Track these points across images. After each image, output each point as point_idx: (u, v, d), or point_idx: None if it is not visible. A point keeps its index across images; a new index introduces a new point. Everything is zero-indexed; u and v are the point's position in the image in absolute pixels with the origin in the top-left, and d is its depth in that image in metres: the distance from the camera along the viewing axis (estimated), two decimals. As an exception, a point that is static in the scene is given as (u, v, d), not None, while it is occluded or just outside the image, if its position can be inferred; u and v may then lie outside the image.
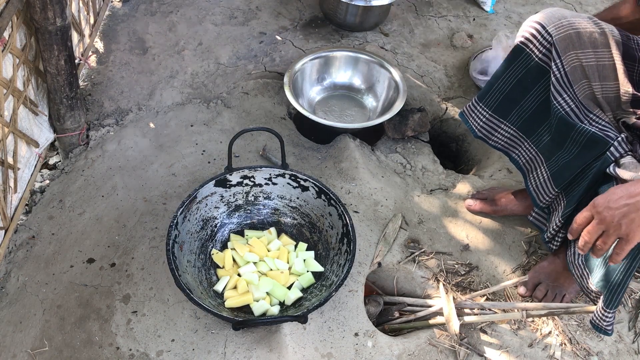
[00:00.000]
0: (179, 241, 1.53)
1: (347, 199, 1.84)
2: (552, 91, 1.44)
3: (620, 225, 1.11)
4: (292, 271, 1.60)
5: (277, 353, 1.45)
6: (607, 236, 1.13)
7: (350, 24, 2.48)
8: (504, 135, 1.66)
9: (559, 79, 1.42)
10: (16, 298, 1.58)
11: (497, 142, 1.69)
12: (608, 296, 1.35)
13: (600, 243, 1.15)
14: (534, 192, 1.63)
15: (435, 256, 1.75)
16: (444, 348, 1.54)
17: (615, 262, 1.16)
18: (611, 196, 1.13)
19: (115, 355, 1.45)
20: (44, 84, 1.82)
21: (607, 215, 1.12)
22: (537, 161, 1.61)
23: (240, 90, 2.22)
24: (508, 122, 1.63)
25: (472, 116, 1.68)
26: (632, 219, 1.09)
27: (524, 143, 1.64)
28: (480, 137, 1.70)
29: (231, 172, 1.65)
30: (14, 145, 1.65)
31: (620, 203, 1.11)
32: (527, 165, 1.66)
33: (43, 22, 1.62)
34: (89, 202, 1.80)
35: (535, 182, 1.62)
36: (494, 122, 1.65)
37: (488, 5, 2.74)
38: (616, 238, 1.13)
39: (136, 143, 1.99)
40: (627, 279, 1.32)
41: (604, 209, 1.12)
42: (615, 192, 1.13)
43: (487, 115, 1.65)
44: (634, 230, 1.10)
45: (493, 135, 1.68)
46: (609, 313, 1.37)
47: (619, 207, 1.11)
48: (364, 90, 2.28)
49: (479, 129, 1.68)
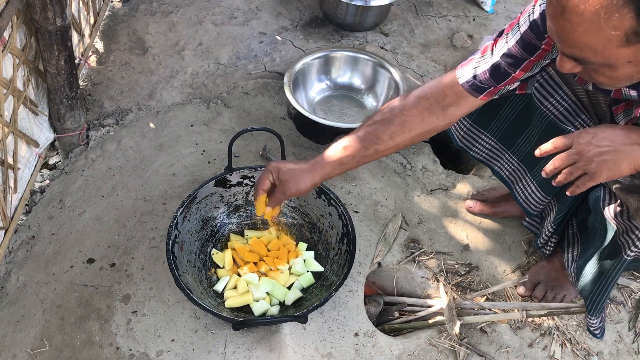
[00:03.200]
0: (179, 241, 1.53)
1: (347, 199, 1.84)
2: (537, 97, 1.41)
3: (592, 161, 1.11)
4: (292, 271, 1.60)
5: (277, 353, 1.45)
6: (576, 167, 1.14)
7: (350, 24, 2.48)
8: (485, 147, 1.65)
9: (543, 84, 1.40)
10: (16, 298, 1.58)
11: (479, 153, 1.68)
12: (589, 304, 1.37)
13: (567, 172, 1.15)
14: (524, 203, 1.62)
15: (435, 256, 1.75)
16: (444, 348, 1.54)
17: (573, 193, 1.17)
18: (598, 133, 1.13)
19: (115, 355, 1.45)
20: (44, 84, 1.82)
21: (586, 148, 1.12)
22: (521, 172, 1.60)
23: (240, 90, 2.22)
24: (488, 133, 1.62)
25: (454, 125, 1.66)
26: (605, 160, 1.11)
27: (505, 155, 1.63)
28: (462, 147, 1.69)
29: (231, 172, 1.64)
30: (14, 145, 1.65)
31: (603, 142, 1.12)
32: (510, 177, 1.65)
33: (43, 22, 1.62)
34: (89, 202, 1.80)
35: (523, 193, 1.61)
36: (475, 132, 1.64)
37: (488, 5, 2.74)
38: (582, 172, 1.14)
39: (136, 143, 1.99)
40: (609, 288, 1.34)
41: (586, 143, 1.13)
42: (604, 131, 1.13)
43: (467, 124, 1.63)
44: (602, 170, 1.11)
45: (474, 145, 1.66)
46: (592, 319, 1.38)
47: (600, 145, 1.11)
48: (364, 90, 2.28)
49: (460, 138, 1.67)
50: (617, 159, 1.10)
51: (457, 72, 1.32)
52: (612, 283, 1.33)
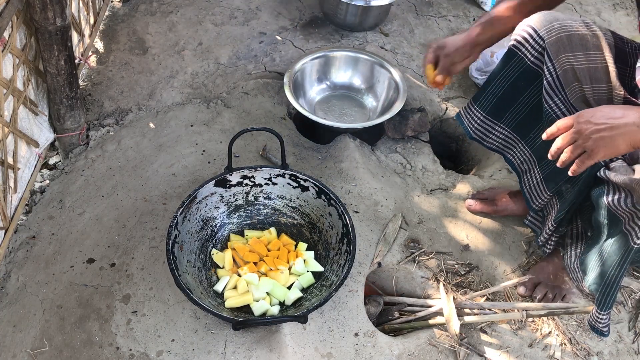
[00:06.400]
0: (179, 241, 1.53)
1: (347, 199, 1.84)
2: (544, 95, 1.43)
3: (589, 138, 1.14)
4: (292, 271, 1.60)
5: (277, 353, 1.45)
6: (576, 146, 1.16)
7: (350, 24, 2.48)
8: (499, 137, 1.66)
9: (550, 83, 1.42)
10: (16, 298, 1.58)
11: (492, 143, 1.69)
12: (600, 298, 1.37)
13: (568, 150, 1.18)
14: (527, 194, 1.63)
15: (435, 256, 1.75)
16: (444, 348, 1.54)
17: (574, 173, 1.19)
18: (597, 112, 1.16)
19: (115, 355, 1.45)
20: (44, 84, 1.82)
21: (584, 127, 1.15)
22: (531, 162, 1.61)
23: (240, 90, 2.22)
24: (502, 124, 1.63)
25: (467, 118, 1.68)
26: (602, 137, 1.13)
27: (519, 144, 1.64)
28: (475, 138, 1.70)
29: (231, 172, 1.65)
30: (14, 145, 1.65)
31: (600, 120, 1.14)
32: (521, 166, 1.66)
33: (43, 22, 1.62)
34: (89, 202, 1.80)
35: (529, 184, 1.62)
36: (489, 124, 1.65)
37: (488, 5, 2.74)
38: (582, 150, 1.16)
39: (136, 143, 1.99)
40: (619, 280, 1.34)
41: (585, 121, 1.16)
42: (602, 110, 1.16)
43: (481, 117, 1.64)
44: (599, 147, 1.14)
45: (488, 137, 1.68)
46: (602, 315, 1.38)
47: (598, 123, 1.14)
48: (364, 90, 2.28)
49: (474, 130, 1.68)
50: (614, 135, 1.13)
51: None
52: (621, 274, 1.33)
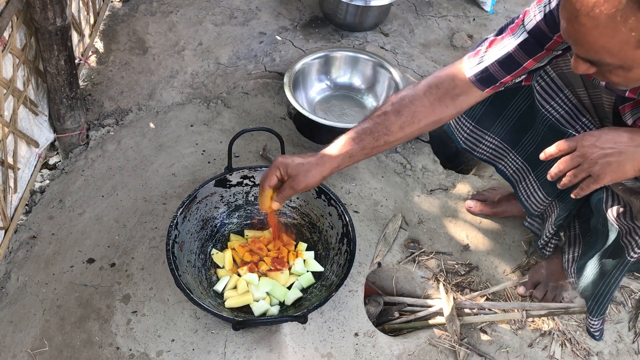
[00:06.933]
0: (179, 241, 1.53)
1: (347, 199, 1.84)
2: (539, 99, 1.41)
3: (596, 163, 1.12)
4: (292, 271, 1.60)
5: (277, 353, 1.45)
6: (581, 170, 1.14)
7: (350, 24, 2.48)
8: (489, 147, 1.65)
9: (544, 87, 1.39)
10: (16, 298, 1.58)
11: (483, 153, 1.67)
12: (592, 305, 1.37)
13: (571, 174, 1.16)
14: (526, 202, 1.62)
15: (435, 256, 1.75)
16: (444, 348, 1.54)
17: (577, 196, 1.17)
18: (602, 136, 1.13)
19: (115, 355, 1.45)
20: (44, 84, 1.82)
21: (590, 151, 1.12)
22: (524, 171, 1.60)
23: (240, 90, 2.22)
24: (492, 133, 1.61)
25: (457, 127, 1.66)
26: (609, 162, 1.11)
27: (509, 154, 1.63)
28: (465, 148, 1.68)
29: (231, 172, 1.65)
30: (14, 145, 1.65)
31: (607, 145, 1.12)
32: (514, 175, 1.64)
33: (43, 22, 1.62)
34: (89, 202, 1.80)
35: (525, 192, 1.61)
36: (478, 134, 1.63)
37: (488, 5, 2.74)
38: (587, 175, 1.14)
39: (136, 143, 1.99)
40: (612, 290, 1.33)
41: (590, 145, 1.13)
42: (607, 134, 1.14)
43: (470, 126, 1.63)
44: (606, 172, 1.12)
45: (478, 146, 1.66)
46: (594, 321, 1.38)
47: (604, 147, 1.12)
48: (364, 90, 2.28)
49: (464, 140, 1.67)
50: (621, 161, 1.10)
51: (464, 63, 1.31)
52: (615, 285, 1.32)
